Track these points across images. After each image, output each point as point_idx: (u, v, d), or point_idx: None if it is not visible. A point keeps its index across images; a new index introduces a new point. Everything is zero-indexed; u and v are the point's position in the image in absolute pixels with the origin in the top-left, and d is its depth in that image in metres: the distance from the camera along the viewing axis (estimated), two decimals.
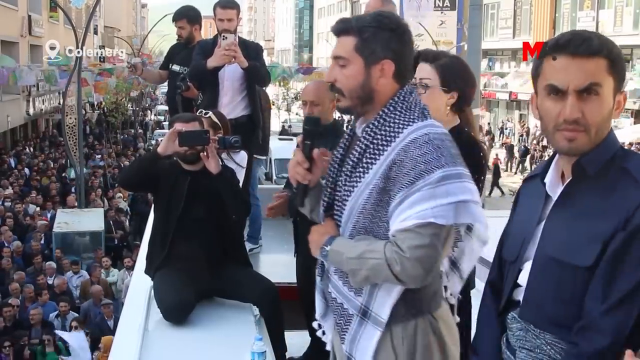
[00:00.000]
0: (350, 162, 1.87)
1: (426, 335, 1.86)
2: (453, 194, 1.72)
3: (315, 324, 2.13)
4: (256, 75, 4.56)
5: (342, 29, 1.88)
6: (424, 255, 1.72)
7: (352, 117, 2.03)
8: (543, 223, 1.66)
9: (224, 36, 4.31)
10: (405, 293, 1.83)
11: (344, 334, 1.91)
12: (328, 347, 2.13)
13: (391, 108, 1.85)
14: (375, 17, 1.86)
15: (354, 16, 1.92)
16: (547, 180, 1.68)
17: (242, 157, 4.07)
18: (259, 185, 5.89)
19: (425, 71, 2.50)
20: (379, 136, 1.83)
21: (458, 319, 2.14)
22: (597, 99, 1.55)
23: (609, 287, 1.49)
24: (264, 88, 5.20)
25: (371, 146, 1.84)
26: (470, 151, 2.41)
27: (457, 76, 2.50)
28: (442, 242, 1.75)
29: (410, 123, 1.81)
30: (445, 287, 2.09)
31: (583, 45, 1.55)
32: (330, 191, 1.96)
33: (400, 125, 1.82)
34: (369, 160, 1.83)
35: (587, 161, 1.58)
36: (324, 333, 2.12)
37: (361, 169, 1.84)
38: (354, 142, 1.93)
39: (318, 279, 2.06)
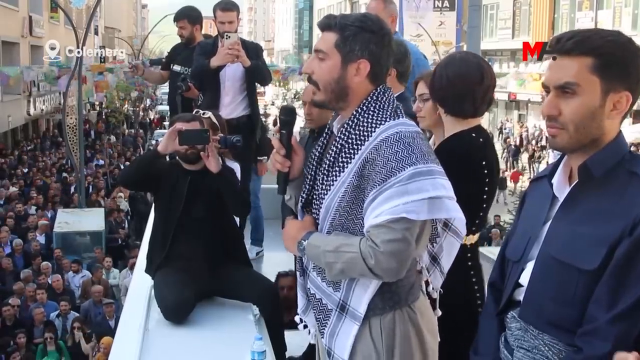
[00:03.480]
0: (327, 161, 1.93)
1: (404, 326, 1.91)
2: (425, 190, 1.76)
3: (297, 318, 2.17)
4: (258, 74, 4.58)
5: (326, 24, 1.94)
6: (397, 249, 1.76)
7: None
8: (549, 223, 1.66)
9: (227, 35, 4.33)
10: (382, 286, 1.88)
11: (323, 329, 1.97)
12: (311, 341, 2.18)
13: (364, 108, 1.90)
14: (359, 17, 1.92)
15: (340, 14, 1.98)
16: (554, 181, 1.68)
17: (235, 168, 4.07)
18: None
19: (421, 87, 2.62)
20: (353, 135, 1.89)
21: (440, 313, 2.18)
22: (574, 98, 1.56)
23: (615, 295, 1.49)
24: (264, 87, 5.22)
25: (346, 145, 1.89)
26: (471, 159, 2.42)
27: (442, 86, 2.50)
28: (414, 236, 1.80)
29: (383, 122, 1.87)
30: (427, 282, 2.12)
31: (567, 43, 1.56)
32: (308, 188, 2.01)
33: (373, 125, 1.87)
34: (344, 159, 1.88)
35: (593, 163, 1.58)
36: (305, 327, 2.17)
37: (337, 168, 1.89)
38: (331, 140, 1.98)
39: (298, 274, 2.11)
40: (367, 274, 1.81)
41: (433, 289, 2.15)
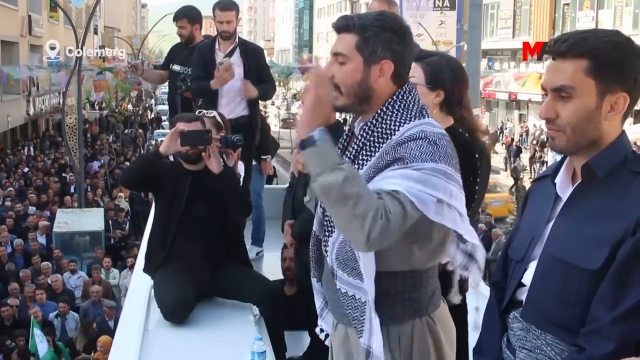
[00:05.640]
0: (347, 159, 1.86)
1: (423, 336, 1.85)
2: (437, 189, 1.70)
3: (317, 330, 2.12)
4: (265, 98, 4.75)
5: (343, 26, 1.87)
6: (400, 226, 1.66)
7: (351, 116, 2.02)
8: (551, 223, 1.65)
9: (220, 63, 4.42)
10: (403, 293, 1.83)
11: (362, 327, 1.85)
12: (327, 342, 2.12)
13: (389, 107, 1.84)
14: (377, 17, 1.86)
15: (357, 14, 1.91)
16: (557, 180, 1.68)
17: (240, 166, 4.08)
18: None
19: (412, 69, 2.52)
20: (375, 134, 1.83)
21: (458, 300, 2.18)
22: (570, 101, 1.56)
23: (618, 295, 1.48)
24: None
25: (368, 144, 1.83)
26: (462, 154, 2.43)
27: (443, 75, 2.46)
28: (408, 224, 1.70)
29: (407, 121, 1.81)
30: (462, 282, 2.08)
31: (562, 45, 1.56)
32: None
33: (397, 123, 1.81)
34: (365, 157, 1.83)
35: (596, 163, 1.58)
36: (322, 331, 2.12)
37: (357, 165, 1.83)
38: (352, 140, 1.93)
39: (314, 280, 2.05)
40: (358, 226, 1.62)
41: (471, 285, 2.10)
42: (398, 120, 1.82)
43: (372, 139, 1.83)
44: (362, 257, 1.80)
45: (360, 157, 1.84)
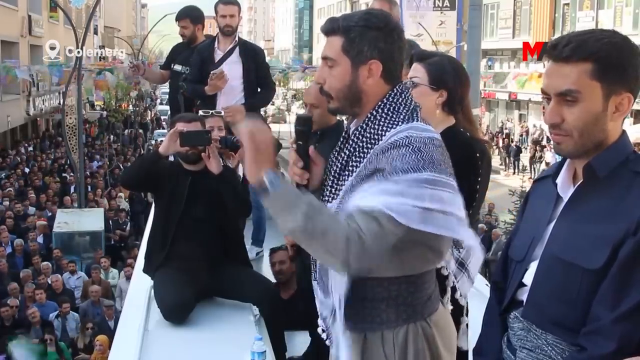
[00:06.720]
0: (339, 165, 1.83)
1: (418, 341, 1.80)
2: (421, 198, 1.62)
3: (319, 330, 2.13)
4: (255, 108, 4.76)
5: (329, 28, 1.82)
6: (379, 244, 1.61)
7: (347, 118, 2.00)
8: (553, 223, 1.65)
9: (212, 74, 4.50)
10: (397, 298, 1.79)
11: (330, 336, 1.88)
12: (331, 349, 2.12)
13: (379, 110, 1.79)
14: (362, 16, 1.80)
15: (342, 15, 1.86)
16: (558, 181, 1.68)
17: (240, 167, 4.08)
18: None
19: (415, 70, 2.51)
20: (365, 139, 1.78)
21: (467, 320, 2.13)
22: (576, 105, 1.55)
23: (619, 295, 1.49)
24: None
25: (358, 149, 1.79)
26: (464, 153, 2.43)
27: (446, 75, 2.47)
28: (394, 240, 1.64)
29: (394, 125, 1.75)
30: (455, 288, 2.08)
31: (564, 49, 1.55)
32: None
33: (384, 128, 1.76)
34: (354, 163, 1.78)
35: (598, 163, 1.58)
36: (323, 331, 2.12)
37: (347, 172, 1.80)
38: (347, 143, 1.88)
39: (315, 282, 2.03)
40: (334, 255, 1.60)
41: (461, 295, 2.08)
42: (386, 124, 1.76)
43: (361, 144, 1.79)
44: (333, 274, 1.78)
45: (351, 163, 1.79)
